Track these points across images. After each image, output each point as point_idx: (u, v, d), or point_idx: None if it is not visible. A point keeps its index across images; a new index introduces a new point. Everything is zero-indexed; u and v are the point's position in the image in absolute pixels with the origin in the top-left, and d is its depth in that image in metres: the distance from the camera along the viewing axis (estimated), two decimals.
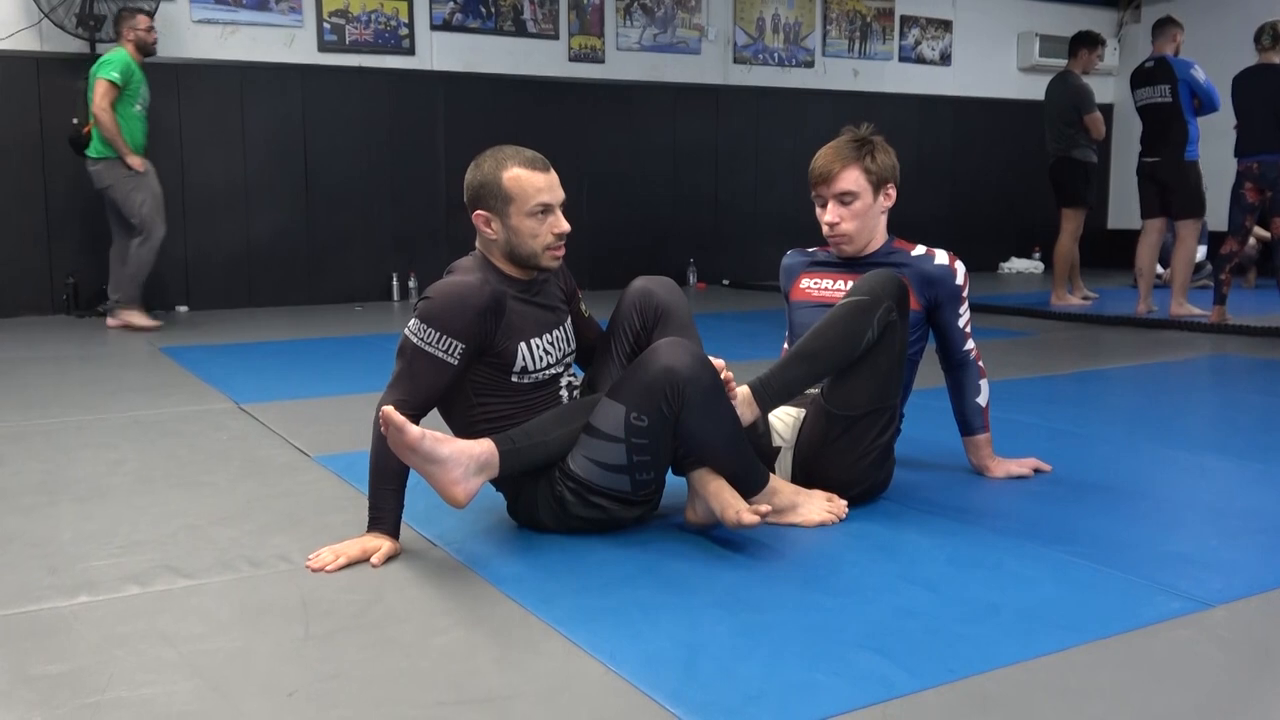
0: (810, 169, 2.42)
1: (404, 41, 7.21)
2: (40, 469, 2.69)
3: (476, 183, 2.08)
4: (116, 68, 5.53)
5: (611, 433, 1.97)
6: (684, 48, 8.22)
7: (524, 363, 2.07)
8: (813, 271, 2.53)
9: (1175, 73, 5.91)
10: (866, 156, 2.38)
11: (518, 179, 2.05)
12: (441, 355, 1.97)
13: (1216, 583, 1.83)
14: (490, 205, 2.07)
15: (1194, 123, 5.95)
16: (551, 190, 2.07)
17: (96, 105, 5.50)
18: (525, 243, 2.07)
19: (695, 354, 1.97)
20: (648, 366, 1.95)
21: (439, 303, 1.98)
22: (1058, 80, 6.65)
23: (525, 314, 2.09)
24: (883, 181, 2.41)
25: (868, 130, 2.44)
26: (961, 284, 2.42)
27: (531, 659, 1.54)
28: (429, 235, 7.38)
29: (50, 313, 6.35)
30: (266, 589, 1.83)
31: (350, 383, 3.99)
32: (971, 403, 2.50)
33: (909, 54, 9.15)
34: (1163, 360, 4.57)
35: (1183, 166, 5.93)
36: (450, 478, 1.89)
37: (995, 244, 9.59)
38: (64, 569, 1.93)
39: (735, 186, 8.44)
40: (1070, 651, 1.55)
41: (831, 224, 2.41)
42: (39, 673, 1.49)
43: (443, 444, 1.88)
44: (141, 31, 5.71)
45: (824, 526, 2.14)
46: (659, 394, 1.93)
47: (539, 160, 2.08)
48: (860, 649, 1.56)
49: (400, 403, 1.96)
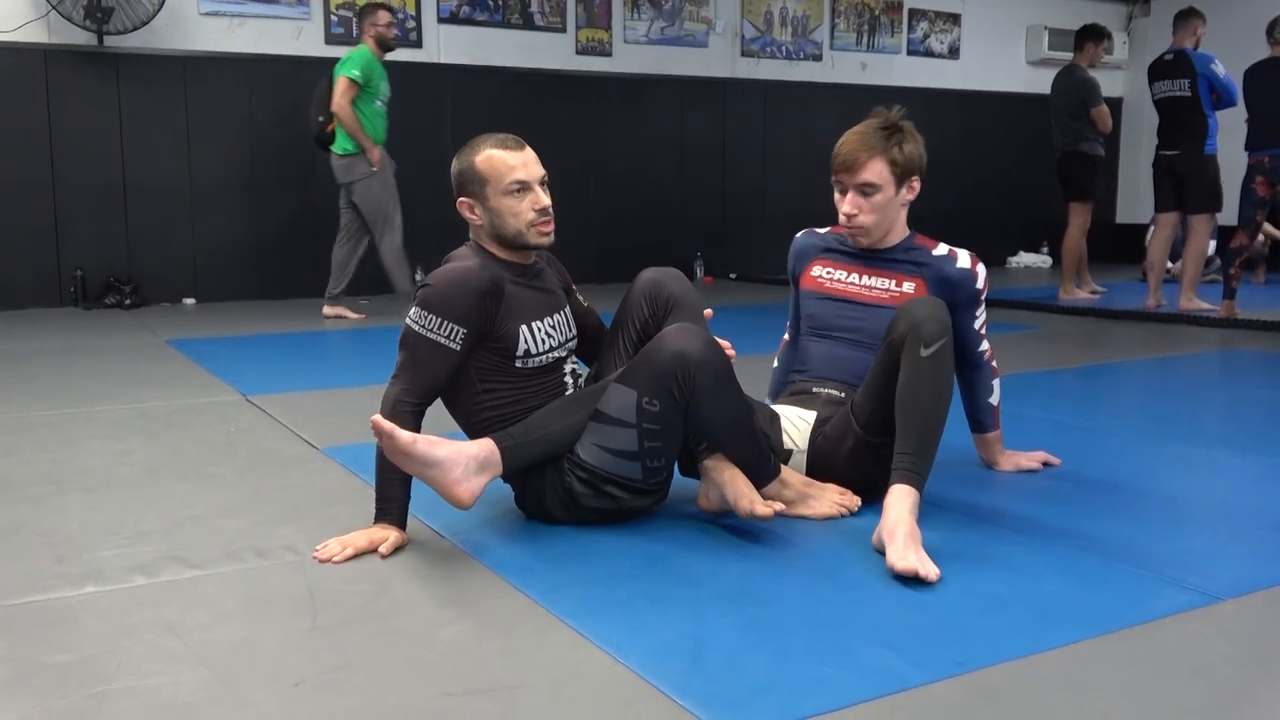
0: (834, 153, 2.31)
1: (411, 34, 7.20)
2: (48, 459, 2.70)
3: (457, 171, 2.12)
4: (357, 65, 5.59)
5: (622, 418, 1.96)
6: (691, 41, 8.20)
7: (526, 346, 2.06)
8: (826, 259, 2.46)
9: (1195, 66, 5.85)
10: (895, 147, 2.26)
11: (490, 159, 2.07)
12: (444, 341, 1.97)
13: (1225, 577, 1.82)
14: (470, 190, 2.10)
15: (1213, 117, 5.89)
16: (526, 167, 2.07)
17: (336, 103, 5.58)
18: (508, 222, 2.07)
19: (705, 338, 1.97)
20: (658, 351, 1.94)
21: (438, 289, 1.98)
22: (1064, 74, 6.61)
23: (524, 297, 2.09)
24: (908, 174, 2.30)
25: (898, 114, 2.31)
26: (981, 288, 2.34)
27: (538, 650, 1.54)
28: (436, 228, 7.33)
29: (58, 305, 6.37)
30: (273, 580, 1.83)
31: (357, 375, 3.99)
32: (984, 402, 2.47)
33: (917, 47, 9.12)
34: (1172, 355, 4.55)
35: (1201, 160, 5.89)
36: (450, 479, 1.88)
37: (1003, 238, 9.56)
38: (71, 559, 1.93)
39: (742, 180, 8.42)
40: (1079, 645, 1.54)
41: (849, 215, 2.31)
42: (46, 662, 1.49)
43: (438, 446, 1.87)
44: (381, 27, 5.72)
45: (833, 519, 2.13)
46: (670, 378, 1.92)
47: (511, 140, 2.10)
48: (867, 642, 1.55)
49: (404, 392, 1.96)
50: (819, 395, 2.36)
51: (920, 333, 2.02)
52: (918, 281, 2.33)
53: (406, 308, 2.04)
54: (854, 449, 2.19)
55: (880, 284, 2.36)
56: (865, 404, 2.17)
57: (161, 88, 6.52)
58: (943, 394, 2.04)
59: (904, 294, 2.33)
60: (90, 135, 6.36)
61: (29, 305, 6.28)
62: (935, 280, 2.32)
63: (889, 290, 2.35)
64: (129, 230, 6.52)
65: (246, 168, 6.81)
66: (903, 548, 1.82)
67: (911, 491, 1.96)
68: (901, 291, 2.33)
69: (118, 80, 6.41)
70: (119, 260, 6.50)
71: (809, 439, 2.29)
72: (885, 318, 2.26)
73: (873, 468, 2.16)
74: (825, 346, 2.40)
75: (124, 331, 5.33)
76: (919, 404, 2.02)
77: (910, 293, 2.32)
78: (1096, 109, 6.37)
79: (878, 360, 2.13)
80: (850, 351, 2.36)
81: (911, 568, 1.77)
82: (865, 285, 2.38)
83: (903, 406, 2.03)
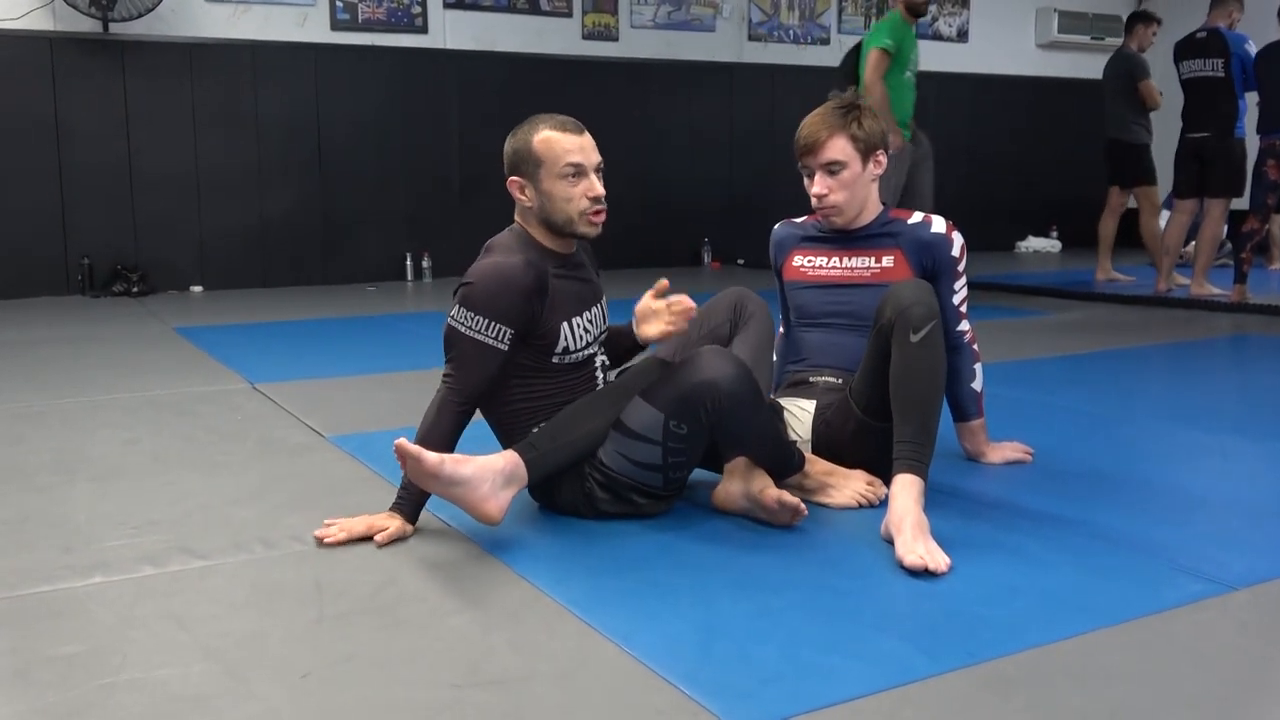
0: (795, 139, 2.33)
1: (417, 20, 7.18)
2: (56, 448, 2.70)
3: (511, 149, 2.05)
4: (888, 34, 5.14)
5: (649, 436, 1.94)
6: (698, 25, 8.16)
7: (566, 343, 2.03)
8: (804, 248, 2.44)
9: (1229, 46, 5.76)
10: (853, 123, 2.26)
11: (548, 140, 2.01)
12: (491, 342, 1.93)
13: (1239, 565, 1.80)
14: (523, 170, 2.03)
15: (1244, 99, 5.81)
16: (584, 151, 2.02)
17: (868, 78, 5.08)
18: (560, 207, 2.02)
19: (737, 364, 1.93)
20: (689, 376, 1.91)
21: (483, 287, 1.94)
22: (1114, 57, 6.59)
23: (567, 291, 2.05)
24: (871, 148, 2.29)
25: (853, 95, 2.36)
26: (957, 256, 2.31)
27: (546, 640, 1.53)
28: (442, 215, 7.36)
29: (65, 293, 6.37)
30: (280, 570, 1.82)
31: (364, 363, 3.99)
32: (966, 388, 2.40)
33: (925, 30, 9.05)
34: (1183, 340, 4.52)
35: (1229, 143, 5.81)
36: (478, 495, 1.85)
37: (1012, 223, 9.52)
38: (79, 549, 1.93)
39: (750, 165, 8.38)
40: (1090, 635, 1.53)
41: (820, 195, 2.31)
42: (54, 653, 1.49)
43: (463, 465, 1.83)
44: None
45: (848, 509, 2.12)
46: (699, 404, 1.90)
47: (571, 123, 2.04)
48: (878, 632, 1.54)
49: (452, 392, 1.95)
50: (817, 384, 2.35)
51: (908, 317, 2.01)
52: (895, 253, 2.32)
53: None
54: (857, 432, 2.19)
55: (861, 263, 2.35)
56: (863, 390, 2.16)
57: (167, 75, 6.51)
58: (937, 378, 2.03)
59: (885, 269, 2.32)
60: (96, 123, 6.36)
61: (36, 294, 6.29)
62: (912, 246, 2.31)
63: (870, 268, 2.34)
64: (136, 218, 6.53)
65: (252, 155, 6.80)
66: (911, 539, 1.81)
67: (916, 480, 1.94)
68: (882, 266, 2.33)
69: (123, 68, 6.40)
70: (126, 248, 6.50)
71: (811, 428, 2.28)
72: (872, 296, 2.25)
73: (878, 452, 2.15)
74: (818, 335, 2.39)
75: (131, 319, 5.33)
76: (914, 390, 2.01)
77: (890, 266, 2.32)
78: (1144, 82, 6.33)
79: (870, 347, 2.13)
80: (843, 337, 2.35)
81: (920, 563, 1.75)
82: (847, 267, 2.37)
83: (898, 394, 2.02)
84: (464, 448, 1.96)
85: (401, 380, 3.61)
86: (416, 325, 5.04)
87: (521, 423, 2.05)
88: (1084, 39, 9.54)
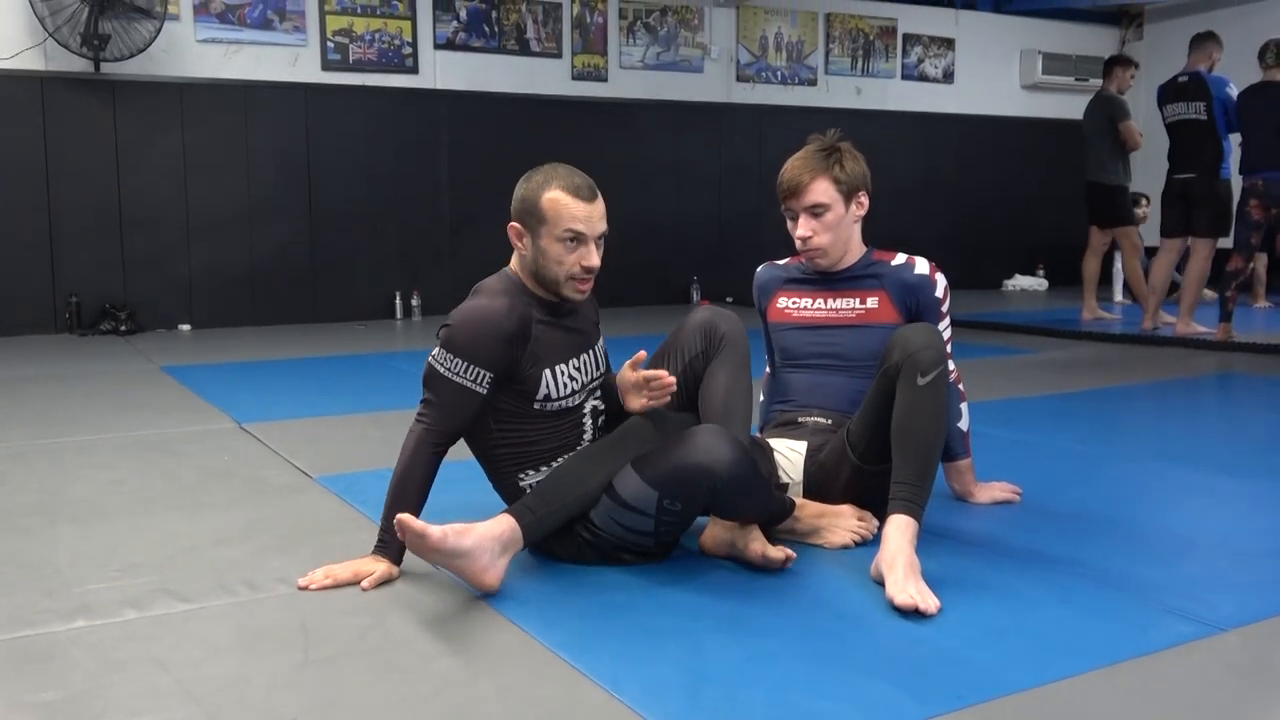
0: (778, 182, 2.33)
1: (408, 60, 7.23)
2: (39, 488, 2.67)
3: (519, 197, 2.02)
4: None
5: (642, 508, 1.92)
6: (687, 66, 8.23)
7: (547, 390, 2.01)
8: (789, 290, 2.45)
9: (1210, 90, 5.85)
10: (835, 165, 2.28)
11: (556, 201, 1.98)
12: (470, 385, 1.93)
13: (1228, 606, 1.80)
14: (525, 221, 2.01)
15: (1228, 140, 5.90)
16: (589, 221, 1.99)
17: None
18: (550, 267, 2.00)
19: (734, 449, 1.87)
20: (686, 456, 1.86)
21: (464, 330, 1.93)
22: (1093, 99, 6.74)
23: (552, 339, 2.03)
24: (854, 190, 2.31)
25: (834, 137, 2.35)
26: (941, 296, 2.32)
27: (533, 685, 1.52)
28: (432, 254, 7.38)
29: (53, 331, 6.35)
30: (265, 613, 1.80)
31: (353, 402, 3.97)
32: (953, 428, 2.38)
33: (912, 72, 9.16)
34: (1169, 378, 4.54)
35: (1215, 184, 5.89)
36: (478, 566, 1.84)
37: (999, 261, 9.58)
38: (61, 592, 1.91)
39: (738, 204, 8.44)
40: (1080, 678, 1.52)
41: (804, 238, 2.31)
42: (34, 700, 1.47)
43: (464, 536, 1.82)
44: None
45: (844, 549, 2.11)
46: (695, 488, 1.88)
47: (585, 187, 2.00)
48: (868, 675, 1.53)
49: (427, 433, 1.94)
50: (806, 425, 2.34)
51: (917, 361, 2.01)
52: (880, 294, 2.33)
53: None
54: (851, 479, 2.18)
55: (845, 304, 2.36)
56: (861, 433, 2.15)
57: (158, 114, 6.54)
58: (940, 422, 2.03)
59: (869, 310, 2.33)
60: (86, 162, 6.38)
61: (24, 331, 6.27)
62: (896, 288, 2.32)
63: (855, 309, 2.35)
64: (125, 256, 6.53)
65: (243, 194, 6.82)
66: (902, 579, 1.80)
67: (911, 522, 1.94)
68: (867, 308, 2.34)
69: (114, 107, 6.43)
70: (114, 286, 6.50)
71: (803, 470, 2.27)
72: (857, 337, 2.28)
73: (870, 495, 2.15)
74: (804, 376, 2.39)
75: (119, 358, 5.31)
76: (917, 433, 2.00)
77: (875, 307, 2.33)
78: (1124, 123, 6.46)
79: (873, 389, 2.12)
80: (829, 378, 2.35)
81: (911, 603, 1.75)
82: (832, 309, 2.38)
83: (900, 436, 2.01)
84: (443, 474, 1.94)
85: (390, 419, 3.59)
86: (406, 364, 5.03)
87: (505, 466, 2.05)
88: (1068, 80, 9.66)
